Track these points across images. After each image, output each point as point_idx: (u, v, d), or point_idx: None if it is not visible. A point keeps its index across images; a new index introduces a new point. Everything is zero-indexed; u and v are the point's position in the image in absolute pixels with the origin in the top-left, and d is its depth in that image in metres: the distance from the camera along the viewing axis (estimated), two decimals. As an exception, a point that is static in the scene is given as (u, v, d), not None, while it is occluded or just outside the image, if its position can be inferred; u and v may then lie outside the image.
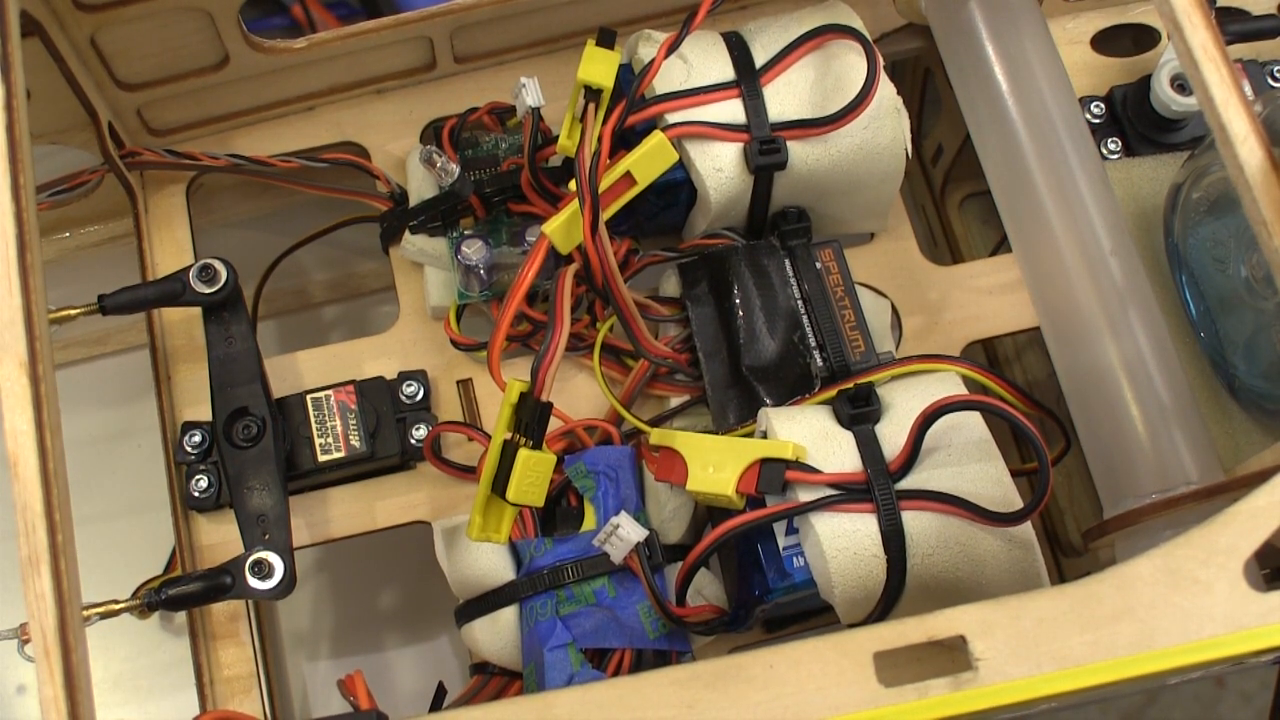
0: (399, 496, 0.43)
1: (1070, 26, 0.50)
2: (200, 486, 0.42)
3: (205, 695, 0.41)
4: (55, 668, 0.26)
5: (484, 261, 0.43)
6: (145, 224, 0.47)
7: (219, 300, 0.41)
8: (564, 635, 0.38)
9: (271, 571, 0.37)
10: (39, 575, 0.27)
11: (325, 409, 0.42)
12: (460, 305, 0.44)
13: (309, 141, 0.48)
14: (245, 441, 0.40)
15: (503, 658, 0.40)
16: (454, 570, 0.40)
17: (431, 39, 0.47)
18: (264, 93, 0.47)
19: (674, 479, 0.38)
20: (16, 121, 0.31)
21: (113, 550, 0.46)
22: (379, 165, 0.46)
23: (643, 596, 0.39)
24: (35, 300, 0.29)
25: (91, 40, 0.42)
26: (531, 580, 0.39)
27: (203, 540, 0.42)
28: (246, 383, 0.41)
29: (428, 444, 0.42)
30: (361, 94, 0.48)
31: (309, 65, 0.46)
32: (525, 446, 0.36)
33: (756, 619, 0.38)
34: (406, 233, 0.45)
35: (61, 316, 0.39)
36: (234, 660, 0.42)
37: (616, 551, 0.38)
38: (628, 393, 0.43)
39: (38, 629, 0.27)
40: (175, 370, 0.45)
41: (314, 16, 0.61)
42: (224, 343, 0.41)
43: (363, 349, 0.45)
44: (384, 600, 0.51)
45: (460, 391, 0.45)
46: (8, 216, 0.30)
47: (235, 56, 0.45)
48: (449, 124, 0.45)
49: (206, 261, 0.41)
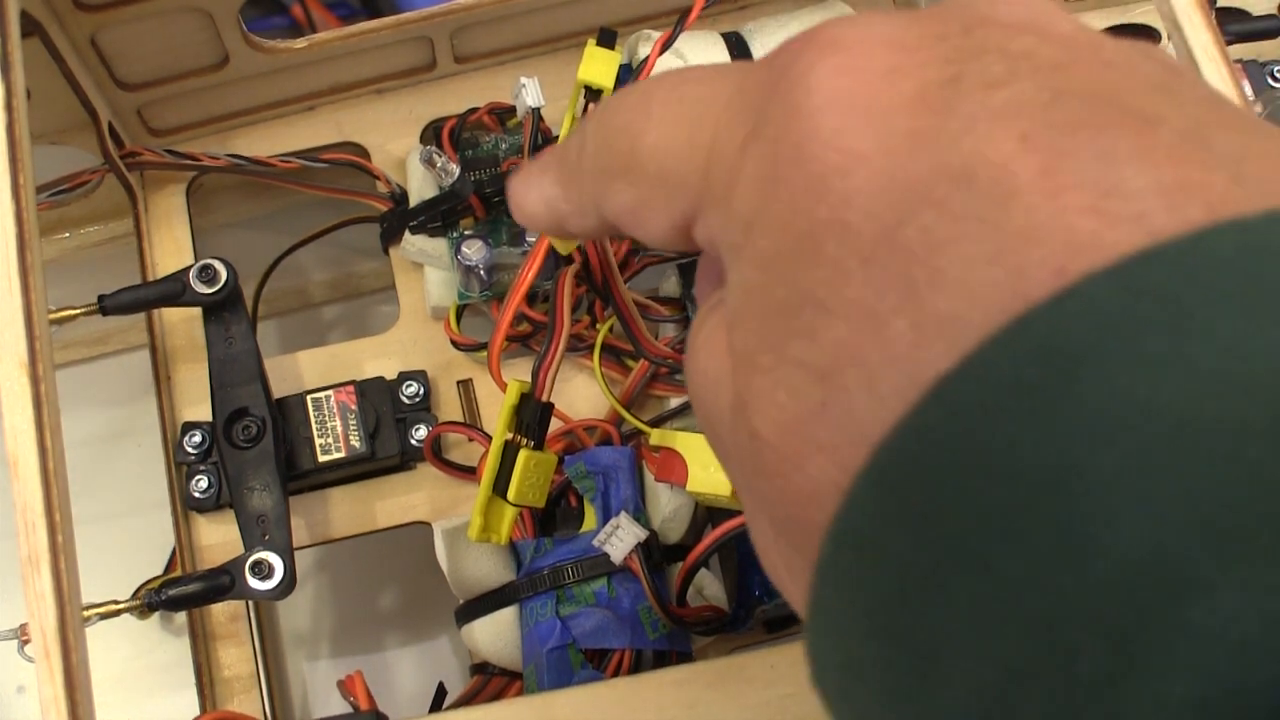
0: (399, 497, 0.43)
1: (1070, 27, 0.50)
2: (200, 487, 0.42)
3: (205, 695, 0.41)
4: (55, 668, 0.26)
5: (484, 262, 0.43)
6: (145, 224, 0.47)
7: (219, 300, 0.41)
8: (564, 636, 0.38)
9: (271, 572, 0.37)
10: (39, 575, 0.27)
11: (325, 409, 0.42)
12: (460, 305, 0.44)
13: (309, 141, 0.48)
14: (245, 442, 0.40)
15: (503, 658, 0.40)
16: (454, 571, 0.40)
17: (431, 39, 0.47)
18: (264, 93, 0.47)
19: (674, 479, 0.38)
20: (16, 121, 0.31)
21: (113, 550, 0.46)
22: (379, 165, 0.46)
23: (643, 597, 0.39)
24: (35, 300, 0.29)
25: (91, 40, 0.42)
26: (531, 581, 0.39)
27: (203, 540, 0.42)
28: (246, 383, 0.41)
29: (428, 444, 0.42)
30: (361, 94, 0.48)
31: (309, 65, 0.46)
32: (526, 447, 0.36)
33: (757, 619, 0.38)
34: (406, 233, 0.45)
35: (62, 316, 0.39)
36: (234, 660, 0.42)
37: (617, 552, 0.38)
38: (628, 393, 0.43)
39: (38, 629, 0.27)
40: (175, 370, 0.45)
41: (314, 16, 0.61)
42: (224, 343, 0.41)
43: (363, 349, 0.45)
44: (384, 600, 0.51)
45: (460, 392, 0.45)
46: (8, 216, 0.30)
47: (235, 56, 0.45)
48: (449, 124, 0.45)
49: (206, 261, 0.41)
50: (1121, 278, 0.14)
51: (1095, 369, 0.14)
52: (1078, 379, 0.14)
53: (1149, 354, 0.14)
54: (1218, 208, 0.15)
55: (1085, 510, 0.13)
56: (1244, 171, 0.15)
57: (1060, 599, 0.13)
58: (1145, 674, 0.13)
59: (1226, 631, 0.12)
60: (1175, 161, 0.15)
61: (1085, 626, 0.13)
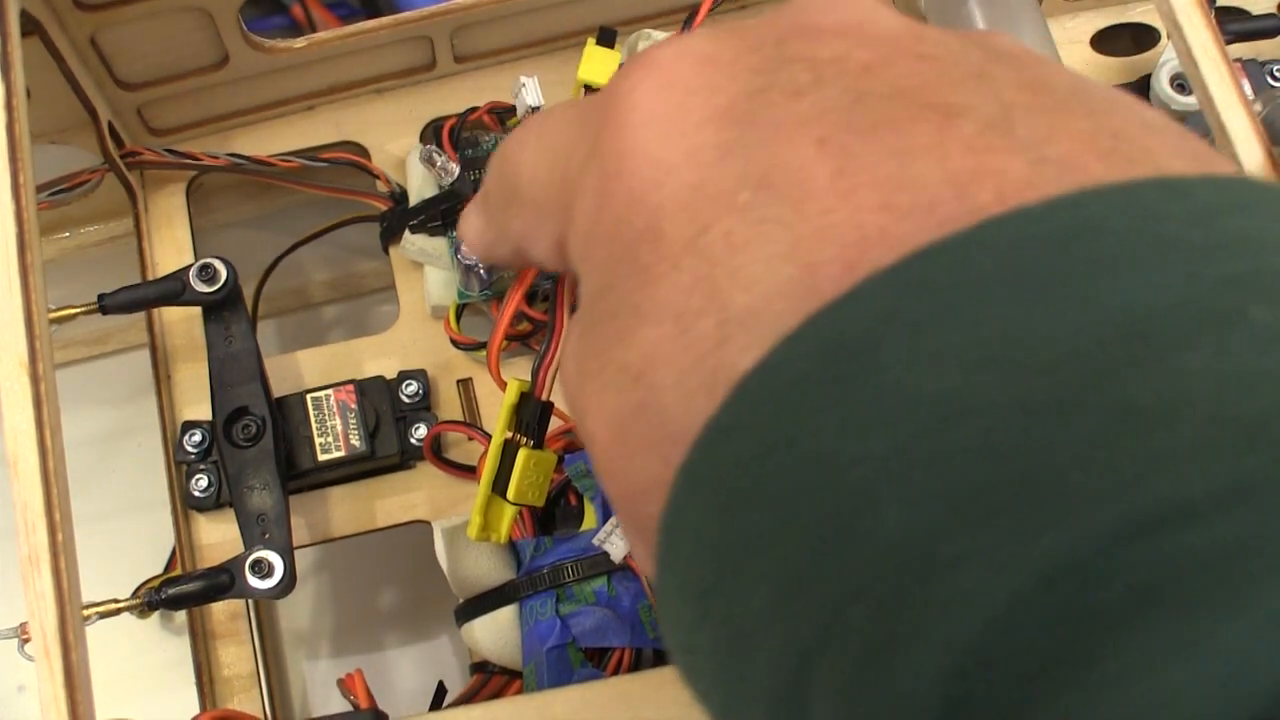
0: (399, 496, 0.43)
1: (1070, 26, 0.50)
2: (200, 486, 0.42)
3: (205, 694, 0.41)
4: (55, 667, 0.26)
5: (484, 261, 0.43)
6: (145, 224, 0.47)
7: (219, 300, 0.41)
8: (564, 634, 0.38)
9: (271, 571, 0.37)
10: (39, 574, 0.27)
11: (325, 408, 0.42)
12: (460, 305, 0.44)
13: (309, 141, 0.48)
14: (245, 441, 0.40)
15: (503, 657, 0.40)
16: (454, 569, 0.40)
17: (431, 39, 0.47)
18: (264, 92, 0.47)
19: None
20: (16, 121, 0.31)
21: (113, 550, 0.46)
22: (379, 165, 0.46)
23: (643, 595, 0.39)
24: (35, 300, 0.29)
25: (91, 40, 0.42)
26: (531, 579, 0.39)
27: (203, 540, 0.43)
28: (246, 382, 0.41)
29: (428, 443, 0.42)
30: (361, 94, 0.48)
31: (309, 65, 0.46)
32: (526, 446, 0.36)
33: (756, 618, 0.38)
34: (406, 232, 0.45)
35: (62, 316, 0.39)
36: (234, 659, 0.42)
37: (617, 550, 0.38)
38: (627, 392, 0.43)
39: (38, 628, 0.27)
40: (175, 370, 0.45)
41: (314, 16, 0.61)
42: (224, 342, 0.41)
43: (363, 348, 0.45)
44: (384, 599, 0.51)
45: (460, 391, 0.45)
46: (8, 216, 0.30)
47: (235, 56, 0.45)
48: (449, 123, 0.45)
49: (206, 261, 0.41)
50: (901, 274, 0.15)
51: (869, 363, 0.14)
52: (853, 374, 0.15)
53: (919, 347, 0.14)
54: (1008, 194, 0.15)
55: (853, 497, 0.14)
56: (1046, 154, 0.16)
57: (836, 582, 0.14)
58: (906, 649, 0.13)
59: (974, 605, 0.13)
60: (971, 151, 0.16)
61: (857, 607, 0.14)
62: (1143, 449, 0.13)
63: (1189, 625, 0.12)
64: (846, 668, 0.14)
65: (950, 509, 0.13)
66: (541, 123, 0.23)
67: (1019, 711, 0.13)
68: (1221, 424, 0.13)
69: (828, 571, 0.14)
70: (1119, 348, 0.14)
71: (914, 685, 0.13)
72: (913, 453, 0.14)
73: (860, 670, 0.14)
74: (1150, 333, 0.14)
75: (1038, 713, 0.13)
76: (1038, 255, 0.14)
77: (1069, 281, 0.14)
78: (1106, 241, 0.14)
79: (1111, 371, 0.13)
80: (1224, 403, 0.13)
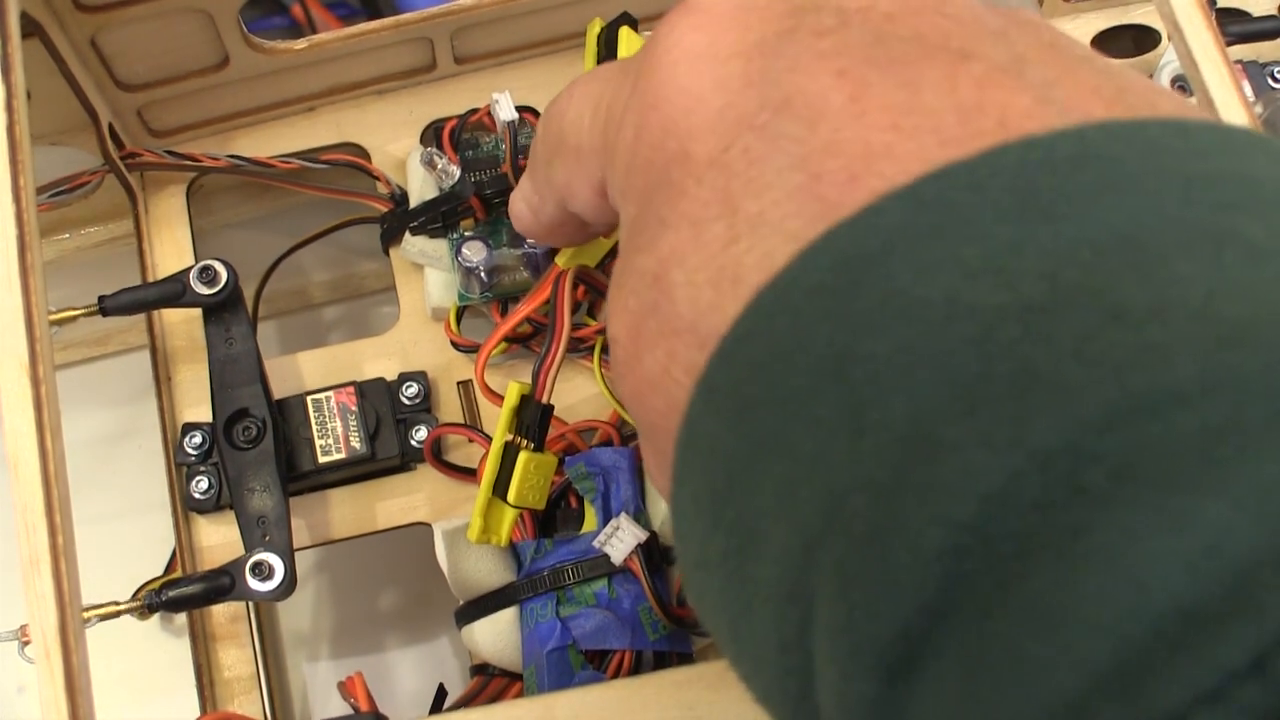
0: (399, 498, 0.43)
1: (1070, 27, 0.50)
2: (200, 488, 0.42)
3: (205, 696, 0.41)
4: (55, 669, 0.26)
5: (484, 263, 0.43)
6: (145, 225, 0.47)
7: (219, 301, 0.41)
8: (564, 637, 0.38)
9: (272, 573, 0.37)
10: (39, 576, 0.27)
11: (325, 410, 0.42)
12: (461, 307, 0.44)
13: (309, 142, 0.48)
14: (245, 443, 0.40)
15: (503, 659, 0.40)
16: (454, 572, 0.40)
17: (431, 39, 0.47)
18: (264, 93, 0.47)
19: (674, 480, 0.38)
20: (17, 122, 0.31)
21: (113, 551, 0.46)
22: (379, 166, 0.46)
23: (643, 598, 0.39)
24: (35, 301, 0.29)
25: (92, 41, 0.42)
26: (532, 582, 0.39)
27: (203, 542, 0.42)
28: (247, 384, 0.41)
29: (428, 446, 0.42)
30: (361, 94, 0.48)
31: (309, 66, 0.46)
32: (526, 449, 0.36)
33: (757, 620, 0.38)
34: (407, 234, 0.45)
35: (62, 318, 0.39)
36: (234, 661, 0.42)
37: (617, 553, 0.38)
38: (628, 394, 0.43)
39: (38, 630, 0.27)
40: (175, 371, 0.45)
41: (314, 16, 0.61)
42: (224, 344, 0.41)
43: (363, 350, 0.45)
44: (384, 602, 0.51)
45: (461, 393, 0.45)
46: (8, 217, 0.30)
47: (235, 57, 0.45)
48: (449, 125, 0.45)
49: (207, 262, 0.41)
50: (914, 193, 0.16)
51: (879, 271, 0.16)
52: (863, 281, 0.16)
53: (927, 257, 0.15)
54: (1011, 123, 0.17)
55: (860, 390, 0.15)
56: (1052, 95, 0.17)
57: (841, 470, 0.15)
58: (904, 529, 0.14)
59: (972, 484, 0.14)
60: (980, 86, 0.17)
61: (859, 494, 0.15)
62: (1133, 342, 0.14)
63: (1173, 500, 0.13)
64: (847, 550, 0.15)
65: (952, 397, 0.14)
66: (589, 78, 0.24)
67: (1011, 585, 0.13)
68: (1210, 322, 0.14)
69: (833, 461, 0.15)
70: (1115, 255, 0.14)
71: (911, 561, 0.14)
72: (918, 348, 0.15)
73: (860, 551, 0.15)
74: (1146, 243, 0.15)
75: (1029, 584, 0.13)
76: (1042, 178, 0.15)
77: (1071, 201, 0.15)
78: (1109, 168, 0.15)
79: (1106, 275, 0.14)
80: (1213, 304, 0.14)
